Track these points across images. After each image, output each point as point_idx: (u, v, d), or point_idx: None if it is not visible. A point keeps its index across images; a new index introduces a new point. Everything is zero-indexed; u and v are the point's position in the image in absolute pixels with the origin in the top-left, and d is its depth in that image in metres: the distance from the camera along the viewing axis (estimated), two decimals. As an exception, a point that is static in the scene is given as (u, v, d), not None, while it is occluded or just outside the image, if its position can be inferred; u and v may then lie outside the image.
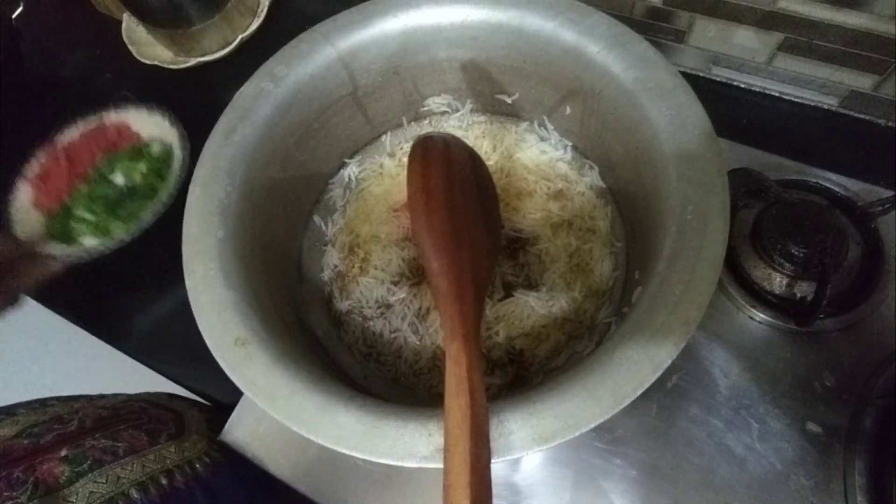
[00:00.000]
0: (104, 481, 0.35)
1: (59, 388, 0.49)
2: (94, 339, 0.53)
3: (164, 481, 0.37)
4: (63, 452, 0.35)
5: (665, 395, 0.42)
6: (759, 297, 0.43)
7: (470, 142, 0.46)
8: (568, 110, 0.44)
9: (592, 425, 0.27)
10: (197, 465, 0.40)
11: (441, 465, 0.26)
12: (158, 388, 0.53)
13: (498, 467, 0.41)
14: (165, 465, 0.38)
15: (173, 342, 0.50)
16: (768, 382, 0.41)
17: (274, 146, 0.40)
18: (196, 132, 0.40)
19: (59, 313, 0.54)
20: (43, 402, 0.41)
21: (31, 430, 0.36)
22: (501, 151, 0.47)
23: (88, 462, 0.35)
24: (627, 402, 0.27)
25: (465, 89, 0.48)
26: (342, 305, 0.44)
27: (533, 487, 0.40)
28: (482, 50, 0.43)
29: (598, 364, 0.28)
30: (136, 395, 0.47)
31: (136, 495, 0.35)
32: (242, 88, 0.40)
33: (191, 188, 0.37)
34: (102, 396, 0.44)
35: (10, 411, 0.39)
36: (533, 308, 0.40)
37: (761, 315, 0.43)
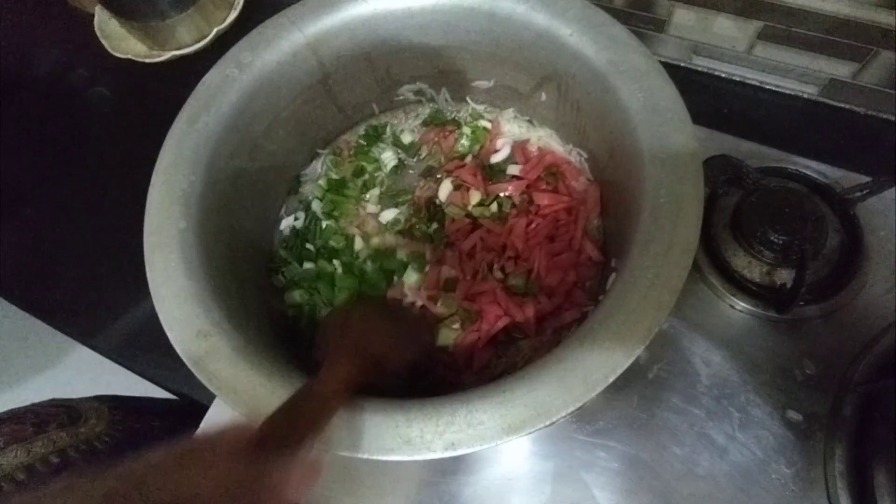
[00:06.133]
0: None
1: (29, 388, 0.47)
2: (64, 336, 0.51)
3: (55, 460, 0.37)
4: None
5: (646, 385, 0.41)
6: (740, 285, 0.43)
7: None
8: (543, 97, 0.44)
9: (563, 413, 0.26)
10: (96, 444, 0.39)
11: (407, 458, 0.26)
12: (133, 386, 0.51)
13: (479, 462, 0.40)
14: (56, 447, 0.37)
15: (147, 340, 0.49)
16: (749, 371, 0.40)
17: (240, 135, 0.39)
18: (170, 127, 0.39)
19: (28, 311, 0.53)
20: None
21: None
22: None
23: None
24: (599, 389, 0.26)
25: (439, 77, 0.47)
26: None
27: (514, 481, 0.39)
28: (455, 35, 0.42)
29: (569, 351, 0.27)
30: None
31: (21, 476, 0.35)
32: (206, 76, 0.39)
33: (153, 178, 0.36)
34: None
35: None
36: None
37: (741, 303, 0.42)
